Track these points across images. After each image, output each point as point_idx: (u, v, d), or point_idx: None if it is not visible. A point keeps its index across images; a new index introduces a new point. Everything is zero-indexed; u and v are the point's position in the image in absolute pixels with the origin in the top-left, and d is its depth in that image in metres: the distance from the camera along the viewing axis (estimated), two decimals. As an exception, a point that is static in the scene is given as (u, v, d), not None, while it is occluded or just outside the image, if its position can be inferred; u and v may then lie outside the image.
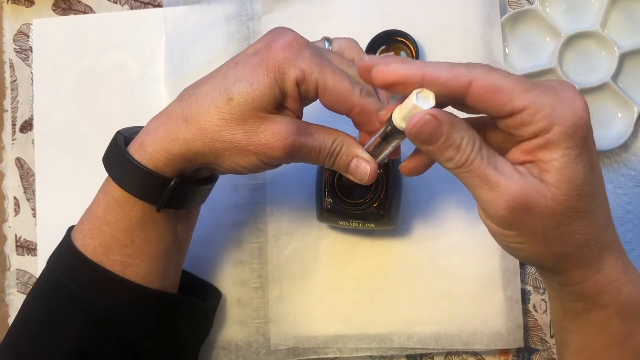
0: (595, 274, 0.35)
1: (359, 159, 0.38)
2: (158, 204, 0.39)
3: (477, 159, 0.32)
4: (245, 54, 0.39)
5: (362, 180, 0.39)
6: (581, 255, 0.34)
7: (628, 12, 0.53)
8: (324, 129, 0.39)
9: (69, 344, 0.40)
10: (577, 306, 0.37)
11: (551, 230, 0.33)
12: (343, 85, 0.36)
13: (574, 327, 0.38)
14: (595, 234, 0.34)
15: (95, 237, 0.40)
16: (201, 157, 0.38)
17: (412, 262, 0.52)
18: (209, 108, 0.37)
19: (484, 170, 0.32)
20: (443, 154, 0.33)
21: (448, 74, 0.32)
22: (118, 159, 0.39)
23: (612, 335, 0.36)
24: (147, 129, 0.39)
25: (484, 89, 0.31)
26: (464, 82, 0.32)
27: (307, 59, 0.36)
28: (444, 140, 0.32)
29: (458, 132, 0.32)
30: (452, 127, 0.32)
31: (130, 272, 0.41)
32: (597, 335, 0.37)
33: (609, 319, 0.36)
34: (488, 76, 0.32)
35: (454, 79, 0.32)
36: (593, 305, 0.36)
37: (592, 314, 0.36)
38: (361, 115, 0.37)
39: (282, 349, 0.52)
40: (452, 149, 0.32)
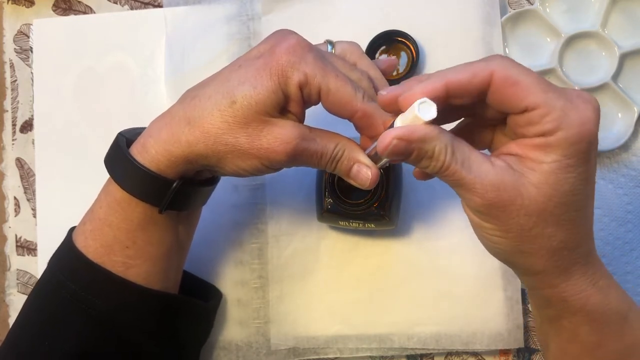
0: (561, 282, 0.35)
1: (360, 164, 0.39)
2: (160, 205, 0.39)
3: (451, 165, 0.32)
4: (249, 56, 0.39)
5: (363, 185, 0.39)
6: (551, 261, 0.34)
7: (628, 12, 0.53)
8: (326, 133, 0.39)
9: (69, 345, 0.40)
10: (549, 312, 0.37)
11: (525, 229, 0.33)
12: (345, 89, 0.37)
13: (551, 332, 0.38)
14: (570, 244, 0.34)
15: (96, 238, 0.40)
16: (203, 160, 0.38)
17: (412, 262, 0.52)
18: (212, 110, 0.37)
19: (459, 175, 0.32)
20: (418, 164, 0.33)
21: (467, 73, 0.32)
22: (120, 160, 0.39)
23: (584, 342, 0.36)
24: (149, 131, 0.39)
25: (503, 80, 0.32)
26: (485, 76, 0.32)
27: (310, 63, 0.36)
28: (415, 154, 0.32)
29: (428, 144, 0.32)
30: (421, 142, 0.32)
31: (131, 273, 0.41)
32: (570, 342, 0.37)
33: (579, 325, 0.36)
34: (508, 68, 0.32)
35: (475, 76, 0.32)
36: (562, 312, 0.36)
37: (563, 320, 0.36)
38: (363, 120, 0.37)
39: (282, 349, 0.52)
40: (425, 159, 0.33)
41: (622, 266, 0.52)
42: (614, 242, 0.52)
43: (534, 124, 0.32)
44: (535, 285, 0.36)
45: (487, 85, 0.32)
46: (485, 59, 0.33)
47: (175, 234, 0.43)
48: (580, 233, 0.34)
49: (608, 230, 0.52)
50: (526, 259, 0.34)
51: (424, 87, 0.32)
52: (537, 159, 0.32)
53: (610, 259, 0.51)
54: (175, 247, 0.43)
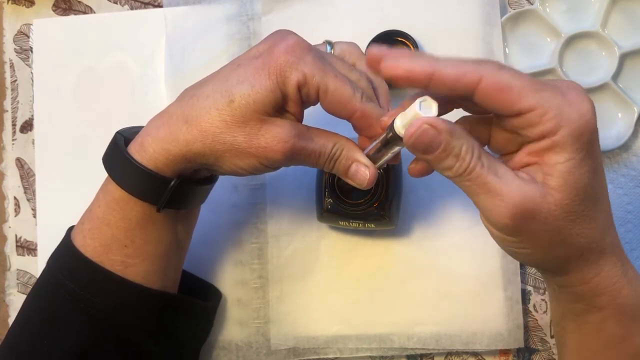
0: (594, 276, 0.35)
1: (359, 163, 0.39)
2: (158, 204, 0.39)
3: (477, 167, 0.32)
4: (247, 55, 0.39)
5: (361, 184, 0.39)
6: (582, 257, 0.34)
7: (628, 12, 0.53)
8: (324, 132, 0.39)
9: (69, 344, 0.40)
10: (575, 307, 0.37)
11: (554, 235, 0.33)
12: (344, 89, 0.37)
13: (572, 327, 0.38)
14: (597, 237, 0.34)
15: (95, 237, 0.40)
16: (201, 158, 0.38)
17: (412, 262, 0.52)
18: (210, 109, 0.37)
19: (484, 178, 0.32)
20: (442, 163, 0.32)
21: (457, 70, 0.32)
22: (118, 159, 0.39)
23: (609, 336, 0.36)
24: (147, 129, 0.39)
25: (492, 86, 0.31)
26: (473, 79, 0.31)
27: (309, 63, 0.36)
28: (442, 149, 0.32)
29: (457, 140, 0.32)
30: (450, 135, 0.31)
31: (130, 272, 0.41)
32: (594, 336, 0.37)
33: (606, 320, 0.36)
34: (497, 74, 0.31)
35: (463, 76, 0.32)
36: (591, 307, 0.36)
37: (589, 315, 0.36)
38: (361, 120, 0.37)
39: (282, 349, 0.52)
40: (450, 157, 0.32)
41: (622, 266, 0.52)
42: (614, 242, 0.52)
43: (534, 125, 0.32)
44: (566, 284, 0.36)
45: (474, 89, 0.32)
46: (477, 61, 0.33)
47: (174, 232, 0.43)
48: (603, 223, 0.34)
49: (608, 230, 0.52)
50: (558, 262, 0.34)
51: (407, 63, 0.32)
52: (551, 162, 0.32)
53: (610, 259, 0.51)
54: (174, 246, 0.43)
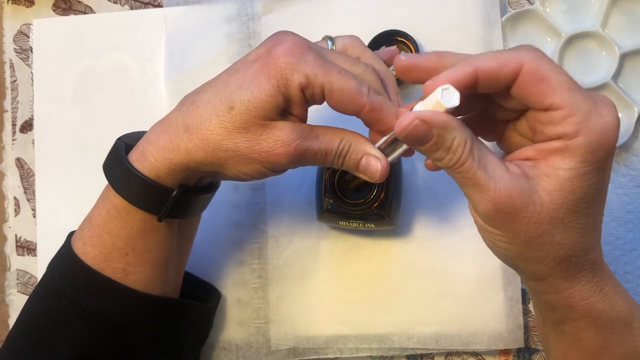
0: (567, 289, 0.34)
1: (369, 155, 0.37)
2: (159, 214, 0.39)
3: (467, 161, 0.31)
4: (246, 59, 0.38)
5: (373, 177, 0.38)
6: (558, 268, 0.33)
7: (628, 12, 0.53)
8: (329, 129, 0.38)
9: (68, 351, 0.40)
10: (552, 315, 0.37)
11: (534, 237, 0.32)
12: (349, 85, 0.36)
13: (553, 335, 0.38)
14: (579, 252, 0.33)
15: (95, 245, 0.40)
16: (203, 167, 0.37)
17: (412, 262, 0.52)
18: (210, 117, 0.36)
19: (473, 172, 0.31)
20: (433, 154, 0.32)
21: (499, 61, 0.31)
22: (118, 168, 0.39)
23: (587, 347, 0.36)
24: (147, 137, 0.39)
25: (532, 76, 0.31)
26: (516, 67, 0.31)
27: (309, 62, 0.35)
28: (433, 142, 0.31)
29: (449, 134, 0.31)
30: (442, 129, 0.31)
31: (130, 279, 0.40)
32: (573, 346, 0.37)
33: (582, 330, 0.35)
34: (538, 62, 0.31)
35: (506, 66, 0.31)
36: (565, 317, 0.35)
37: (565, 325, 0.36)
38: (371, 114, 0.36)
39: (282, 349, 0.52)
40: (441, 150, 0.32)
41: (622, 266, 0.52)
42: (614, 242, 0.52)
43: (555, 124, 0.31)
44: (539, 290, 0.36)
45: (516, 77, 0.31)
46: (515, 48, 0.32)
47: (176, 239, 0.43)
48: (589, 240, 0.33)
49: (608, 230, 0.52)
50: (532, 266, 0.34)
51: (452, 74, 0.31)
52: (554, 165, 0.31)
53: (610, 259, 0.51)
54: (175, 252, 0.43)
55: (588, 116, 0.30)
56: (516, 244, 0.33)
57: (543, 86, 0.31)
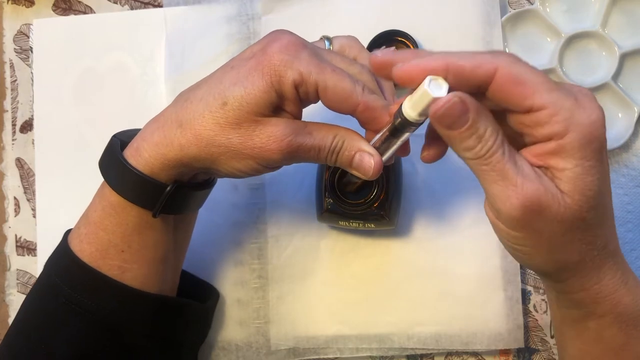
0: (594, 284, 0.34)
1: (362, 152, 0.37)
2: (154, 209, 0.39)
3: (498, 152, 0.31)
4: (241, 57, 0.38)
5: (367, 174, 0.38)
6: (582, 264, 0.33)
7: (628, 12, 0.53)
8: (323, 126, 0.38)
9: (66, 349, 0.40)
10: (574, 313, 0.37)
11: (558, 237, 0.32)
12: (344, 84, 0.36)
13: (572, 333, 0.38)
14: (599, 246, 0.33)
15: (91, 242, 0.40)
16: (197, 162, 0.38)
17: (412, 262, 0.52)
18: (203, 112, 0.36)
19: (503, 165, 0.31)
20: (464, 142, 0.31)
21: (473, 61, 0.31)
22: (113, 164, 0.39)
23: (609, 343, 0.36)
24: (142, 134, 0.39)
25: (507, 78, 0.31)
26: (489, 70, 0.31)
27: (304, 60, 0.35)
28: (468, 126, 0.31)
29: (483, 121, 0.31)
30: (477, 115, 0.30)
31: (127, 277, 0.40)
32: (594, 343, 0.37)
33: (606, 327, 0.35)
34: (513, 66, 0.31)
35: (479, 67, 0.31)
36: (591, 314, 0.35)
37: (589, 322, 0.36)
38: (365, 113, 0.36)
39: (282, 349, 0.52)
40: (474, 137, 0.31)
41: (622, 266, 0.52)
42: (614, 242, 0.52)
43: (542, 125, 0.31)
44: (567, 290, 0.36)
45: (490, 80, 0.31)
46: (492, 52, 0.32)
47: (172, 236, 0.43)
48: (606, 232, 0.33)
49: (608, 230, 0.52)
50: (558, 267, 0.34)
51: (421, 63, 0.31)
52: (559, 167, 0.31)
53: (611, 259, 0.51)
54: (171, 249, 0.43)
55: (572, 112, 0.30)
56: (540, 247, 0.33)
57: (522, 88, 0.31)
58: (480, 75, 0.31)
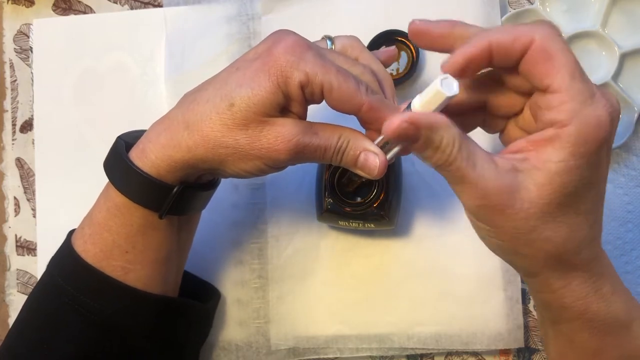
0: (560, 288, 0.34)
1: (367, 151, 0.37)
2: (160, 211, 0.39)
3: (456, 159, 0.31)
4: (246, 58, 0.38)
5: (372, 173, 0.38)
6: (548, 264, 0.33)
7: (628, 12, 0.53)
8: (328, 126, 0.38)
9: (68, 349, 0.40)
10: (548, 314, 0.37)
11: (522, 233, 0.32)
12: (348, 84, 0.36)
13: (551, 334, 0.38)
14: (570, 250, 0.33)
15: (95, 243, 0.40)
16: (204, 163, 0.38)
17: (412, 262, 0.52)
18: (211, 114, 0.37)
19: (462, 171, 0.31)
20: (423, 154, 0.32)
21: (510, 35, 0.31)
22: (119, 165, 0.39)
23: (582, 348, 0.36)
24: (148, 135, 0.39)
25: (539, 51, 0.31)
26: (526, 42, 0.31)
27: (310, 61, 0.36)
28: (421, 142, 0.31)
29: (437, 134, 0.31)
30: (430, 130, 0.31)
31: (130, 278, 0.40)
32: (569, 346, 0.36)
33: (576, 331, 0.35)
34: (549, 40, 0.31)
35: (517, 40, 0.31)
36: (559, 317, 0.35)
37: (562, 325, 0.36)
38: (369, 113, 0.37)
39: (282, 349, 0.52)
40: (430, 149, 0.32)
41: (622, 266, 0.51)
42: (614, 242, 0.52)
43: (550, 109, 0.31)
44: (535, 288, 0.36)
45: (526, 51, 0.31)
46: (530, 23, 0.32)
47: (176, 238, 0.43)
48: (581, 238, 0.33)
49: (608, 230, 0.52)
50: (523, 261, 0.34)
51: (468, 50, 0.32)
52: (544, 157, 0.31)
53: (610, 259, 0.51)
54: (175, 250, 0.43)
55: (583, 106, 0.30)
56: (505, 239, 0.33)
57: (548, 65, 0.31)
58: (518, 48, 0.31)
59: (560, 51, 0.31)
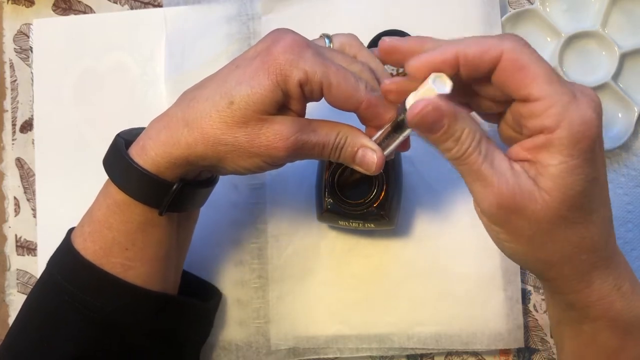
0: (584, 288, 0.34)
1: (365, 148, 0.38)
2: (160, 207, 0.39)
3: (474, 154, 0.31)
4: (245, 56, 0.39)
5: (369, 169, 0.38)
6: (568, 266, 0.33)
7: (628, 12, 0.53)
8: (326, 123, 0.38)
9: (68, 347, 0.40)
10: (569, 314, 0.37)
11: (538, 235, 0.32)
12: (347, 82, 0.36)
13: (568, 333, 0.38)
14: (587, 248, 0.33)
15: (95, 240, 0.40)
16: (203, 160, 0.38)
17: (412, 262, 0.52)
18: (210, 112, 0.37)
19: (479, 166, 0.31)
20: (442, 144, 0.32)
21: (479, 47, 0.31)
22: (119, 162, 0.39)
23: (603, 347, 0.36)
24: (147, 132, 0.39)
25: (510, 63, 0.31)
26: (496, 55, 0.31)
27: (309, 60, 0.36)
28: (444, 131, 0.31)
29: (459, 124, 0.31)
30: (453, 119, 0.31)
31: (130, 275, 0.41)
32: (588, 345, 0.36)
33: (599, 331, 0.35)
34: (519, 52, 0.31)
35: (486, 52, 0.31)
36: (584, 316, 0.35)
37: (583, 325, 0.36)
38: (368, 110, 0.37)
39: (282, 349, 0.52)
40: (451, 140, 0.32)
41: (622, 266, 0.52)
42: (614, 242, 0.52)
43: (535, 117, 0.31)
44: (557, 290, 0.35)
45: (496, 64, 0.31)
46: (500, 36, 0.32)
47: (175, 234, 0.43)
48: (597, 236, 0.33)
49: (608, 230, 0.52)
50: (540, 265, 0.34)
51: (433, 55, 0.32)
52: (544, 162, 0.31)
53: (611, 259, 0.51)
54: (174, 247, 0.43)
55: (567, 108, 0.30)
56: (520, 243, 0.33)
57: (522, 75, 0.31)
58: (488, 60, 0.31)
59: (531, 60, 0.31)
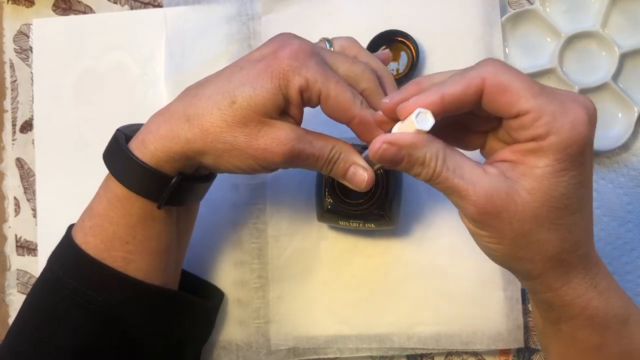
0: (561, 286, 0.35)
1: (357, 165, 0.39)
2: (159, 201, 0.40)
3: (442, 172, 0.33)
4: (250, 58, 0.39)
5: (359, 187, 0.40)
6: (548, 265, 0.34)
7: (628, 12, 0.53)
8: (322, 136, 0.39)
9: (69, 341, 0.40)
10: (549, 315, 0.37)
11: (520, 236, 0.33)
12: (345, 95, 0.37)
13: (551, 335, 0.38)
14: (568, 249, 0.34)
15: (96, 234, 0.41)
16: (201, 157, 0.38)
17: (412, 262, 0.52)
18: (212, 109, 0.37)
19: (450, 182, 0.33)
20: (410, 171, 0.34)
21: (461, 85, 0.32)
22: (119, 156, 0.39)
23: (585, 345, 0.36)
24: (147, 126, 0.40)
25: (493, 88, 0.32)
26: (478, 85, 0.32)
27: (312, 68, 0.37)
28: (407, 160, 0.33)
29: (420, 151, 0.33)
30: (412, 148, 0.33)
31: (131, 268, 0.41)
32: (569, 345, 0.37)
33: (578, 329, 0.36)
34: (499, 75, 0.32)
35: (468, 87, 0.32)
36: (562, 315, 0.36)
37: (562, 324, 0.36)
38: (360, 126, 0.38)
39: (282, 349, 0.52)
40: (416, 166, 0.33)
41: (622, 266, 0.52)
42: (614, 242, 0.52)
43: (525, 129, 0.32)
44: (536, 290, 0.36)
45: (481, 93, 0.32)
46: (477, 65, 0.33)
47: (175, 228, 0.43)
48: (577, 236, 0.34)
49: (608, 230, 0.52)
50: (523, 265, 0.35)
51: (419, 100, 0.33)
52: (530, 164, 0.32)
53: (610, 259, 0.51)
54: (174, 241, 0.44)
55: (555, 116, 0.31)
56: (504, 244, 0.34)
57: (507, 96, 0.32)
58: (472, 94, 0.33)
59: (512, 79, 0.32)
